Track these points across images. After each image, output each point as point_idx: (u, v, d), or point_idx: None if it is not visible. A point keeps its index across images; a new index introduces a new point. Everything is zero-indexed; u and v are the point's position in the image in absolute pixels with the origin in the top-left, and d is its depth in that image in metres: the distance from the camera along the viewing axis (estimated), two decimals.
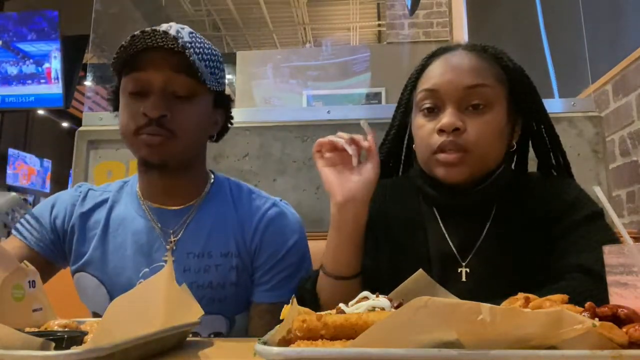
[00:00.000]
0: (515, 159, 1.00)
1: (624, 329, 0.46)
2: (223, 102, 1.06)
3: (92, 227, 1.03)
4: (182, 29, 0.97)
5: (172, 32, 0.94)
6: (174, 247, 0.99)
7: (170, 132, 0.93)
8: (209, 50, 1.00)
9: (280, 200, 1.09)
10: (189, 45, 0.94)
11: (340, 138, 0.87)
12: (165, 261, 0.96)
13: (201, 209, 1.03)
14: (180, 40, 0.92)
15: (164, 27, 0.96)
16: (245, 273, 1.01)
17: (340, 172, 0.87)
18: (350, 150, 0.85)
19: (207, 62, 0.98)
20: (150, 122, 0.91)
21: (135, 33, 0.92)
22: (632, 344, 0.45)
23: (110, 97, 1.03)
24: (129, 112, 0.94)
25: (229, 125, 1.10)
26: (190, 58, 0.90)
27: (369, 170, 0.87)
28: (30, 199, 8.41)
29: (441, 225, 0.95)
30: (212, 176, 1.10)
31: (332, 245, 0.88)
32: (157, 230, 1.01)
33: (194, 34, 0.99)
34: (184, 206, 1.03)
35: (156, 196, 1.03)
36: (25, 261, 0.79)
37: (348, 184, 0.86)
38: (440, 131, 0.87)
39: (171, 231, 1.00)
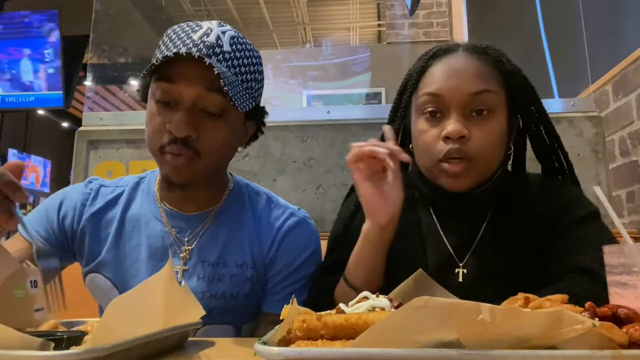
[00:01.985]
0: (511, 159, 1.00)
1: (624, 329, 0.46)
2: (256, 114, 1.00)
3: (105, 226, 1.00)
4: (224, 33, 0.90)
5: (212, 38, 0.88)
6: (188, 257, 0.96)
7: (195, 151, 0.88)
8: (249, 60, 0.93)
9: (299, 209, 1.06)
10: (229, 57, 0.89)
11: (379, 148, 0.82)
12: (178, 270, 0.95)
13: (219, 217, 1.00)
14: (219, 51, 0.87)
15: (204, 27, 0.90)
16: (259, 284, 0.99)
17: (378, 190, 0.84)
18: (392, 164, 0.82)
19: (246, 76, 0.92)
20: (175, 140, 0.87)
21: (173, 37, 0.89)
22: (632, 344, 0.45)
23: (139, 89, 0.97)
24: (154, 124, 0.89)
25: (260, 133, 1.05)
26: (225, 88, 0.83)
27: (399, 186, 0.84)
28: (31, 198, 8.41)
29: (438, 225, 0.95)
30: (231, 179, 1.06)
31: (364, 262, 0.87)
32: (172, 236, 0.98)
33: (235, 39, 0.92)
34: (202, 211, 1.00)
35: (174, 201, 1.00)
36: (26, 261, 0.79)
37: (388, 205, 0.84)
38: (446, 138, 0.86)
39: (186, 239, 0.98)
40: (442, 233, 0.94)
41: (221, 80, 0.82)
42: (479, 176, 0.89)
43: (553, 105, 1.68)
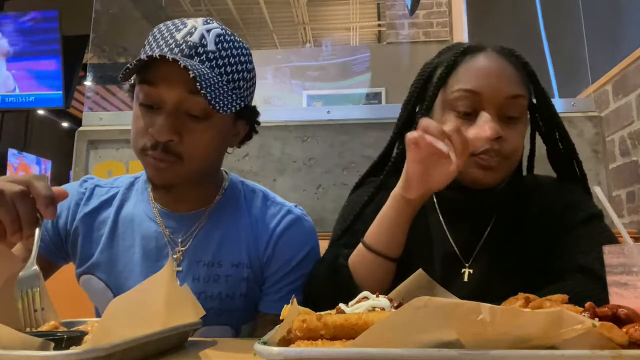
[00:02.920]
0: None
1: (624, 329, 0.46)
2: (246, 114, 0.97)
3: (98, 227, 0.99)
4: (209, 32, 0.87)
5: (196, 37, 0.86)
6: (181, 258, 0.96)
7: (177, 156, 0.86)
8: (236, 58, 0.90)
9: (296, 206, 1.04)
10: (213, 57, 0.86)
11: (441, 143, 0.74)
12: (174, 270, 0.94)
13: (213, 216, 0.99)
14: (202, 51, 0.85)
15: (189, 25, 0.88)
16: (256, 284, 0.98)
17: (425, 171, 0.79)
18: (456, 159, 0.75)
19: (232, 75, 0.89)
20: (157, 144, 0.85)
21: (157, 37, 0.87)
22: (632, 344, 0.45)
23: (129, 89, 0.95)
24: (138, 127, 0.88)
25: (254, 133, 1.03)
26: (202, 91, 0.80)
27: (449, 178, 0.78)
28: None
29: (444, 225, 0.95)
30: (227, 178, 1.05)
31: (386, 226, 0.85)
32: (166, 236, 0.97)
33: (222, 37, 0.89)
34: (196, 211, 0.99)
35: (167, 201, 0.99)
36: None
37: (426, 185, 0.80)
38: None
39: (180, 240, 0.97)
40: (448, 233, 0.94)
41: (197, 84, 0.80)
42: (506, 175, 0.90)
43: None
